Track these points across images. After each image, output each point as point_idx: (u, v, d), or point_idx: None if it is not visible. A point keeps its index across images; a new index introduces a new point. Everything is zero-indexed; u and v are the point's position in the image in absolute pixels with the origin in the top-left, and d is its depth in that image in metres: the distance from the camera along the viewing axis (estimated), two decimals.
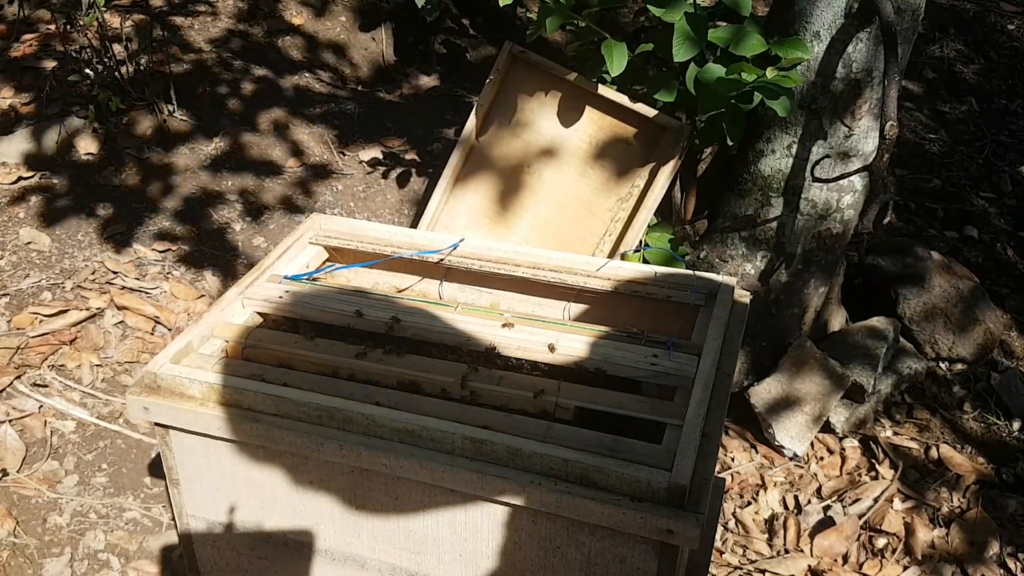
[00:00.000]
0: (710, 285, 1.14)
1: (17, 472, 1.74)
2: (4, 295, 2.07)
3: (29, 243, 2.21)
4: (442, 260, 1.21)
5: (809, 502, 1.96)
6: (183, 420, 0.98)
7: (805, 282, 2.11)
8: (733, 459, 2.06)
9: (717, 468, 2.01)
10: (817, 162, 1.97)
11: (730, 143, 1.98)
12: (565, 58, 2.26)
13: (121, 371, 1.98)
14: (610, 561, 0.91)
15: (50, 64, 2.60)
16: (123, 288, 2.14)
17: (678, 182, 2.19)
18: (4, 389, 1.87)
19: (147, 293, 2.14)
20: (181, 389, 0.98)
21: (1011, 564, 1.84)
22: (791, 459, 2.06)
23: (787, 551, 1.85)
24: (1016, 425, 2.17)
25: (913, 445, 2.11)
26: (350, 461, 0.93)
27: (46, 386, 1.90)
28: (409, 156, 2.61)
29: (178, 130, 2.52)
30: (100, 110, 2.42)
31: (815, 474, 2.03)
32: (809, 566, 1.81)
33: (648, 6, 1.92)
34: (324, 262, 1.29)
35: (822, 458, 2.07)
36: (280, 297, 1.13)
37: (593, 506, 0.86)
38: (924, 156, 3.05)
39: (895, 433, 2.14)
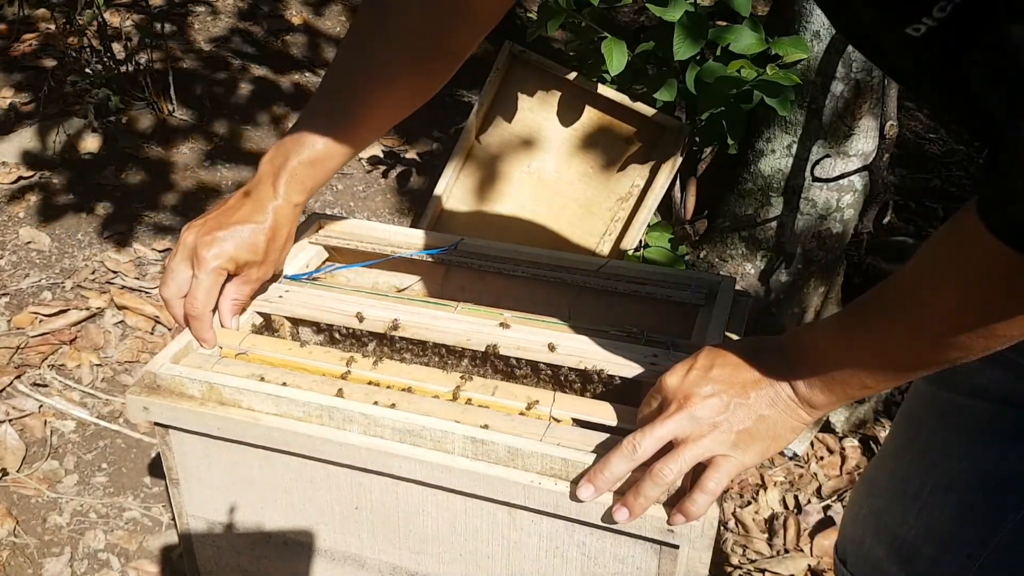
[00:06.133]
0: (710, 285, 1.14)
1: (17, 472, 1.74)
2: (4, 295, 2.07)
3: (29, 243, 2.21)
4: (442, 260, 1.21)
5: (809, 502, 1.96)
6: (183, 420, 0.98)
7: (805, 282, 2.11)
8: None
9: None
10: (817, 162, 1.97)
11: (730, 142, 1.98)
12: (565, 58, 2.26)
13: (121, 371, 1.98)
14: (610, 561, 0.91)
15: (50, 63, 2.60)
16: (123, 288, 2.14)
17: (678, 182, 2.19)
18: (4, 389, 1.87)
19: (147, 293, 2.14)
20: (181, 389, 0.98)
21: None
22: (791, 459, 2.06)
23: (787, 551, 1.85)
24: None
25: None
26: (350, 461, 0.93)
27: (46, 386, 1.90)
28: (409, 155, 2.61)
29: (178, 129, 2.51)
30: (100, 109, 2.42)
31: (815, 474, 2.03)
32: (809, 566, 1.81)
33: (648, 5, 1.91)
34: (324, 262, 1.28)
35: (822, 458, 2.07)
36: (280, 297, 1.12)
37: (593, 506, 0.86)
38: (924, 156, 3.05)
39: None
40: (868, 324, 0.76)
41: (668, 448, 0.82)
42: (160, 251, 2.25)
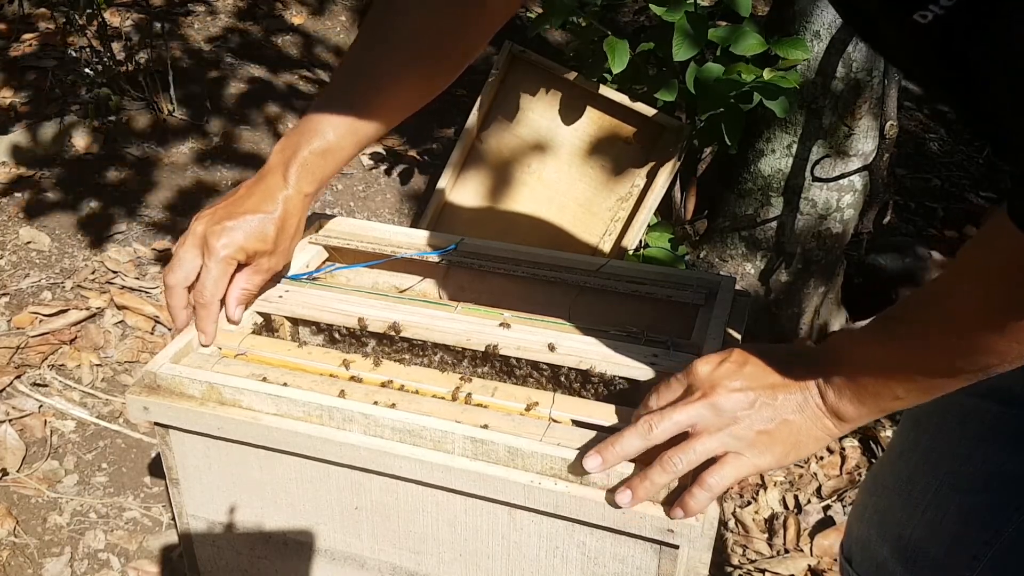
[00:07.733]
0: (710, 285, 1.14)
1: (17, 472, 1.74)
2: (4, 295, 2.07)
3: (29, 243, 2.21)
4: (442, 260, 1.21)
5: (809, 502, 1.96)
6: (183, 420, 0.98)
7: (805, 282, 2.11)
8: None
9: None
10: (817, 162, 1.97)
11: (729, 143, 1.98)
12: (565, 58, 2.26)
13: (121, 371, 1.98)
14: (610, 561, 0.91)
15: (49, 63, 2.60)
16: (123, 288, 2.14)
17: (678, 182, 2.19)
18: (4, 389, 1.87)
19: (147, 293, 2.14)
20: (181, 389, 0.98)
21: None
22: None
23: (787, 551, 1.85)
24: None
25: None
26: (350, 461, 0.93)
27: (46, 386, 1.90)
28: (409, 155, 2.61)
29: (177, 128, 2.51)
30: (99, 108, 2.42)
31: (815, 474, 2.03)
32: (809, 566, 1.81)
33: (649, 5, 1.91)
34: (324, 261, 1.28)
35: (822, 458, 2.07)
36: (280, 297, 1.12)
37: (593, 506, 0.86)
38: (924, 156, 3.05)
39: (895, 432, 2.14)
40: (902, 331, 0.76)
41: (684, 436, 0.82)
42: (160, 251, 2.25)
